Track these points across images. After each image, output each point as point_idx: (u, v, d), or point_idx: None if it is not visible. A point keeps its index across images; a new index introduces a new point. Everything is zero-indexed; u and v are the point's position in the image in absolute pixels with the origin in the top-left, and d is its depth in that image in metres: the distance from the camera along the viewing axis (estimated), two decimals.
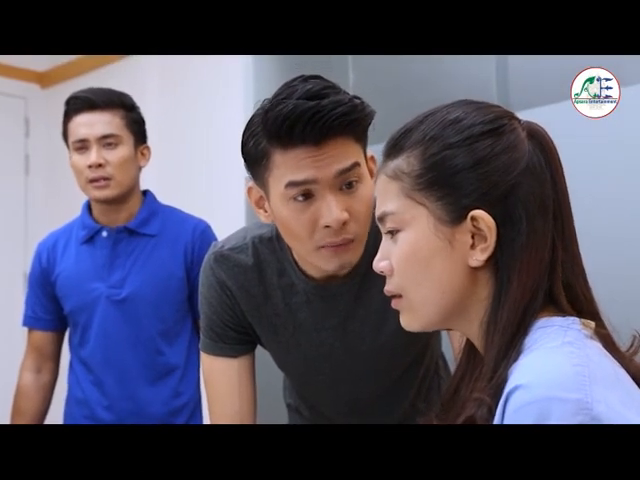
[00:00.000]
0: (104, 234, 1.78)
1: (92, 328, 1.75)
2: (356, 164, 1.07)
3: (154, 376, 1.75)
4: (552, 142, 0.83)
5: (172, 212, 1.88)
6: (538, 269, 0.79)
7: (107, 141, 1.73)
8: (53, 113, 3.68)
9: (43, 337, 1.85)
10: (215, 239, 1.80)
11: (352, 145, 1.07)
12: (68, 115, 1.76)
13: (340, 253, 1.08)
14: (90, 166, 1.71)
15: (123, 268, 1.76)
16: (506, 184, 0.79)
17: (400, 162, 0.83)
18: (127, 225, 1.78)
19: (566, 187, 0.83)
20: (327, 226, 1.06)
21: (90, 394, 1.76)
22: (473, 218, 0.79)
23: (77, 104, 1.74)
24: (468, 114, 0.82)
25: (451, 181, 0.80)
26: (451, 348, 1.30)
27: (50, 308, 1.83)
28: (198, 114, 2.92)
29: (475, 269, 0.81)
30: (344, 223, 1.06)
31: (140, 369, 1.75)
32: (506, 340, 0.78)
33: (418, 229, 0.82)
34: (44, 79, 3.55)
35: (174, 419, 1.76)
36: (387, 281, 0.86)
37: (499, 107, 0.85)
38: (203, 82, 2.90)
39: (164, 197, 3.01)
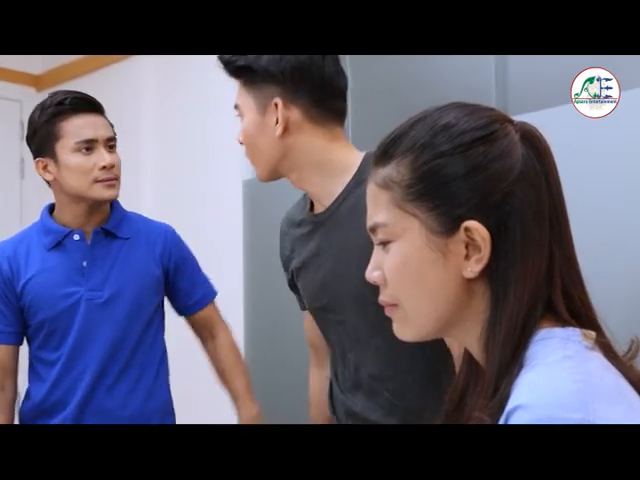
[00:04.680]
0: (75, 237, 1.75)
1: (71, 333, 1.72)
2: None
3: (131, 377, 1.76)
4: (546, 143, 0.81)
5: (138, 216, 1.90)
6: (535, 280, 0.77)
7: (111, 143, 1.76)
8: None
9: (7, 351, 1.76)
10: (182, 241, 1.91)
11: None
12: (63, 114, 1.72)
13: None
14: (105, 167, 1.71)
15: (102, 270, 1.75)
16: (500, 192, 0.77)
17: (390, 171, 0.81)
18: (105, 226, 1.78)
19: (561, 190, 0.81)
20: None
21: (67, 397, 1.74)
22: (466, 229, 0.77)
23: (78, 104, 1.73)
24: (459, 119, 0.80)
25: (443, 191, 0.78)
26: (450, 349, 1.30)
27: (13, 320, 1.75)
28: (195, 116, 2.92)
29: (470, 280, 0.79)
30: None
31: (119, 371, 1.75)
32: (506, 355, 0.76)
33: (410, 240, 0.80)
34: (39, 82, 3.54)
35: (147, 422, 1.75)
36: (381, 291, 0.85)
37: (492, 110, 0.83)
38: (200, 84, 2.89)
39: (161, 198, 3.00)
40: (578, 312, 0.79)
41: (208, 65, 2.83)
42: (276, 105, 1.28)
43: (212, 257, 2.78)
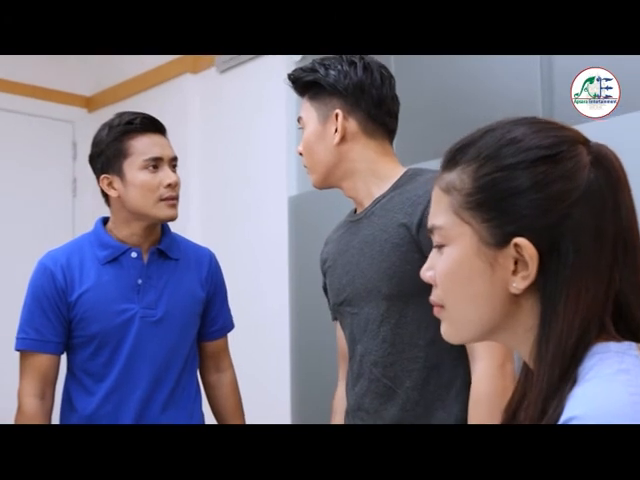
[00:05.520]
0: (133, 255, 1.78)
1: (123, 349, 1.75)
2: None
3: (175, 398, 1.79)
4: (621, 168, 0.80)
5: (183, 238, 1.94)
6: (589, 304, 0.76)
7: (174, 163, 1.81)
8: None
9: (50, 361, 1.77)
10: (220, 268, 1.95)
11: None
12: (132, 132, 1.77)
13: None
14: (170, 185, 1.75)
15: (156, 289, 1.78)
16: (556, 214, 0.76)
17: (454, 177, 0.82)
18: (159, 246, 1.81)
19: (635, 216, 0.79)
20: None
21: (118, 412, 1.75)
22: (516, 245, 0.77)
23: (147, 125, 1.78)
24: (527, 135, 0.79)
25: (499, 204, 0.78)
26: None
27: (60, 330, 1.77)
28: (240, 133, 2.95)
29: (517, 295, 0.79)
30: None
31: (170, 389, 1.78)
32: (554, 378, 0.75)
33: (462, 247, 0.81)
34: (91, 103, 3.62)
35: None
36: (432, 291, 0.86)
37: (565, 130, 0.81)
38: (245, 102, 2.92)
39: (208, 215, 3.03)
40: (637, 329, 0.78)
41: (252, 82, 2.87)
42: (336, 116, 1.43)
43: (258, 273, 2.79)
